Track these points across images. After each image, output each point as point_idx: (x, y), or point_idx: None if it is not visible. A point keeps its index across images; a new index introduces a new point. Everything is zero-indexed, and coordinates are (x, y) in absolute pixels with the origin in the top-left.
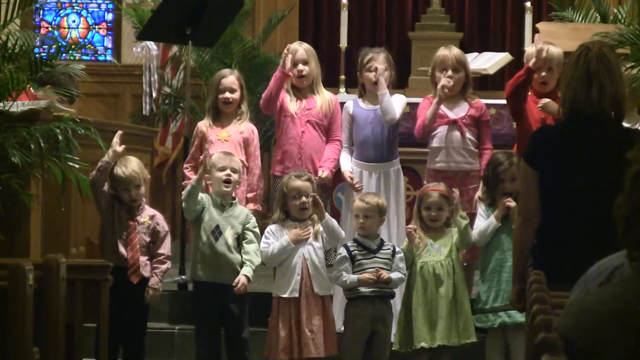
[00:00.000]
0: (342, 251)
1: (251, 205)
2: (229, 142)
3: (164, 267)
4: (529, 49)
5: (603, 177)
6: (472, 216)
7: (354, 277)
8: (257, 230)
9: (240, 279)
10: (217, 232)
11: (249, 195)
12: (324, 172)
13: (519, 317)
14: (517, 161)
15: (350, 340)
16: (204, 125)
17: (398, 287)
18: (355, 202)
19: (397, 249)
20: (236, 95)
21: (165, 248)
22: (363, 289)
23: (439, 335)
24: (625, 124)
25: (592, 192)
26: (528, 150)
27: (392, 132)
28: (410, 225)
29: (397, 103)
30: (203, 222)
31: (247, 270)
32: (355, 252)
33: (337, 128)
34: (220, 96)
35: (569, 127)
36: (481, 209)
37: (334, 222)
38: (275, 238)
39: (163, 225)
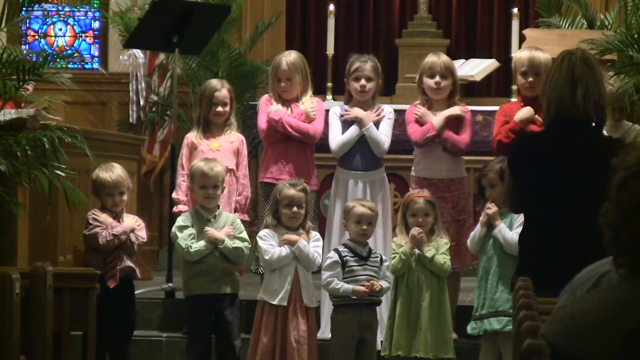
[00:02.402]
0: (334, 255)
1: (238, 215)
2: (220, 151)
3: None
4: (517, 54)
5: (586, 183)
6: (458, 223)
7: (349, 287)
8: (244, 235)
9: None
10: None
11: (237, 205)
12: (313, 110)
13: (496, 324)
14: (499, 168)
15: (338, 347)
16: (193, 136)
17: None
18: (357, 208)
19: (384, 257)
20: (228, 108)
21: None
22: (352, 297)
23: (419, 347)
24: (612, 134)
25: (575, 199)
26: (509, 157)
27: None
28: (416, 229)
29: (386, 127)
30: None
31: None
32: (347, 257)
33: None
34: (214, 109)
35: (550, 133)
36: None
37: (310, 248)
38: (274, 241)
39: (143, 231)
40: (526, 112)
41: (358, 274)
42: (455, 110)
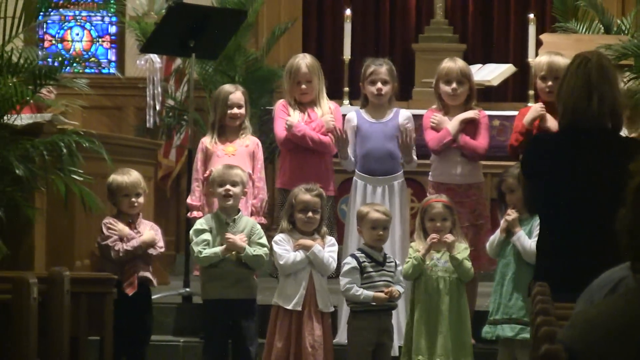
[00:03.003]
0: (351, 261)
1: (254, 218)
2: (236, 155)
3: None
4: (537, 59)
5: (603, 187)
6: (476, 228)
7: (370, 294)
8: (264, 240)
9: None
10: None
11: (253, 208)
12: (332, 120)
13: (509, 331)
14: (517, 173)
15: (356, 353)
16: (208, 141)
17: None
18: (372, 214)
19: (397, 262)
20: (243, 110)
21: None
22: (372, 303)
23: (438, 351)
24: (628, 130)
25: (592, 203)
26: (522, 160)
27: (396, 144)
28: (434, 236)
29: (331, 253)
30: (210, 245)
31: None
32: (365, 263)
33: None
34: (229, 112)
35: (565, 135)
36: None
37: (324, 254)
38: (289, 246)
39: (160, 236)
40: (533, 111)
41: (375, 279)
42: (469, 114)
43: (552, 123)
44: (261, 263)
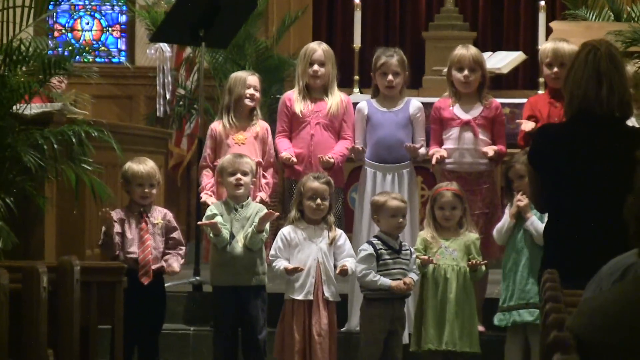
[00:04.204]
0: (368, 248)
1: (262, 195)
2: (246, 144)
3: (181, 252)
4: (543, 46)
5: (610, 175)
6: (487, 216)
7: (387, 281)
8: (266, 228)
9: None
10: (230, 236)
11: (263, 187)
12: (331, 158)
13: (527, 316)
14: (524, 160)
15: (369, 341)
16: (218, 126)
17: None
18: (391, 202)
19: (412, 250)
20: (258, 94)
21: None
22: (379, 292)
23: (446, 339)
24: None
25: (600, 191)
26: (530, 150)
27: (406, 133)
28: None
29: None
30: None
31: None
32: (382, 250)
33: (348, 127)
34: (247, 91)
35: (573, 125)
36: (508, 207)
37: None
38: (286, 247)
39: (173, 223)
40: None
41: (391, 267)
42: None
43: None
44: (257, 244)
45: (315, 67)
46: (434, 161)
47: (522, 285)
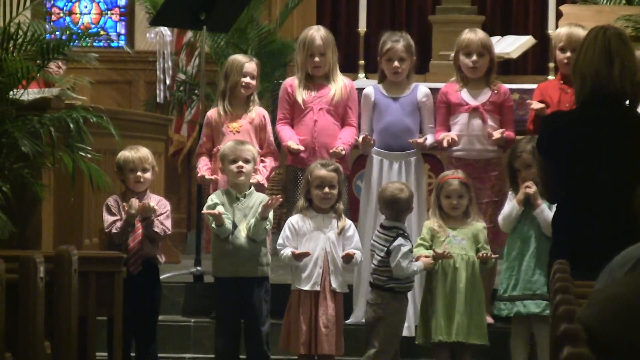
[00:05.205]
0: (406, 243)
1: (259, 177)
2: (240, 132)
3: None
4: (557, 30)
5: (621, 164)
6: (496, 204)
7: (420, 264)
8: (270, 217)
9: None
10: (233, 226)
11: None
12: (342, 150)
13: (534, 307)
14: (531, 148)
15: (394, 334)
16: (214, 114)
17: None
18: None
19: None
20: (254, 82)
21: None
22: (409, 284)
23: (457, 331)
24: None
25: (610, 180)
26: (539, 137)
27: (414, 119)
28: (427, 260)
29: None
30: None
31: None
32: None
33: (353, 114)
34: (243, 80)
35: (583, 111)
36: (511, 196)
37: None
38: (294, 236)
39: (168, 208)
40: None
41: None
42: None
43: None
44: (260, 234)
45: (317, 58)
46: (445, 144)
47: (528, 276)
